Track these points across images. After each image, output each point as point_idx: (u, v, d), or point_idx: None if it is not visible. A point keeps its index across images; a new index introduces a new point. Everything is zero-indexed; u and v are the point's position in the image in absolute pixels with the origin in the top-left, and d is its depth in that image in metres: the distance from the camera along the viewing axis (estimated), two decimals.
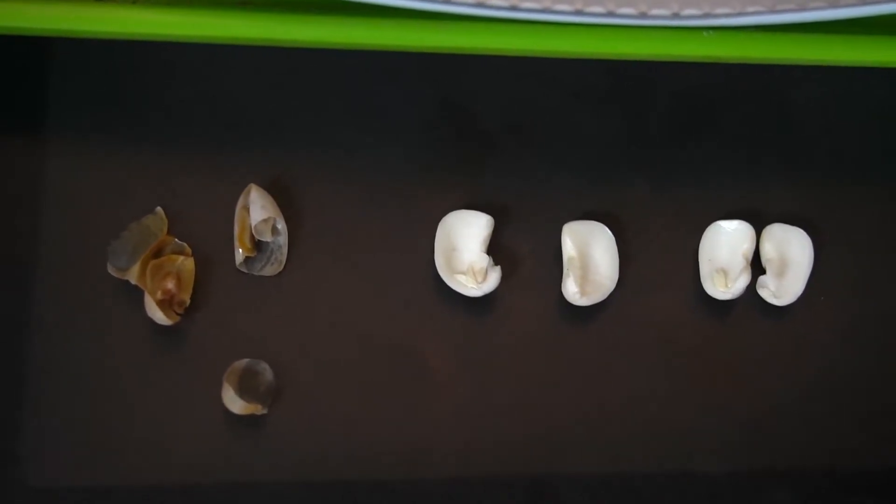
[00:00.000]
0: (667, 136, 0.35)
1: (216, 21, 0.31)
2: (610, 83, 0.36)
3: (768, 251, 0.34)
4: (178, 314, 0.33)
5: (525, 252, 0.34)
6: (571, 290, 0.33)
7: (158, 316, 0.32)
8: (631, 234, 0.35)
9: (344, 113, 0.35)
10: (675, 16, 0.30)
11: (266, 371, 0.33)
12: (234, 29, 0.31)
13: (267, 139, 0.34)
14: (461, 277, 0.33)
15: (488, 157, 0.35)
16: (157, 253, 0.33)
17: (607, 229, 0.34)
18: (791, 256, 0.34)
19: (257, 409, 0.32)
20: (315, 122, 0.34)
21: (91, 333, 0.33)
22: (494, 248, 0.34)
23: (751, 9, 0.30)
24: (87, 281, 0.33)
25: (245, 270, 0.33)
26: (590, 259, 0.34)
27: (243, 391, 0.32)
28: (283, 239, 0.33)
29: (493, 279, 0.33)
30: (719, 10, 0.30)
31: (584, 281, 0.34)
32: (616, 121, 0.35)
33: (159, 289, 0.32)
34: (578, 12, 0.30)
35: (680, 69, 0.34)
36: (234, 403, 0.32)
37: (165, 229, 0.33)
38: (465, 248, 0.34)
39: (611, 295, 0.34)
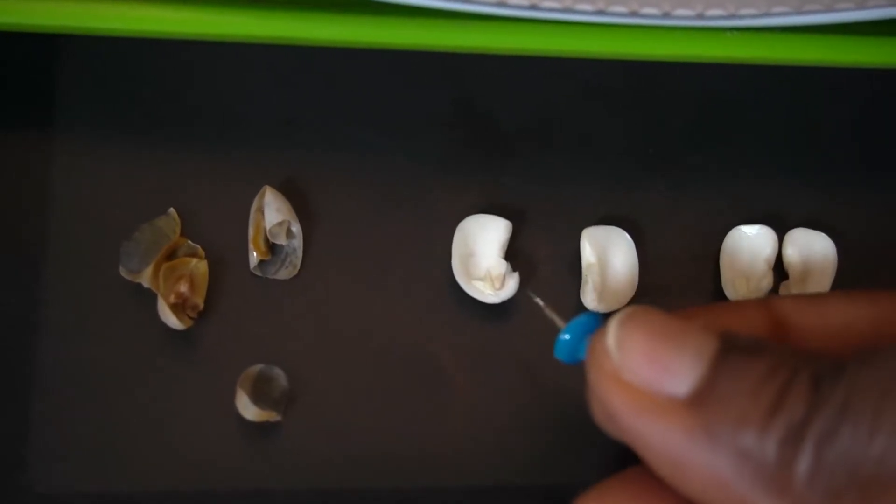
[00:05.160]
0: (687, 139, 0.35)
1: (230, 19, 0.30)
2: (630, 84, 0.35)
3: (791, 256, 0.34)
4: (191, 318, 0.32)
5: (542, 257, 0.34)
6: (590, 297, 0.33)
7: (171, 320, 0.31)
8: (650, 238, 0.34)
9: (359, 113, 0.34)
10: (700, 16, 0.30)
11: (280, 377, 0.32)
12: (250, 27, 0.30)
13: (280, 140, 0.34)
14: (478, 283, 0.33)
15: (505, 160, 0.34)
16: (170, 255, 0.32)
17: (627, 235, 0.34)
18: (814, 261, 0.34)
19: (272, 416, 0.32)
20: (330, 122, 0.34)
21: (102, 337, 0.32)
22: (511, 253, 0.34)
23: (777, 9, 0.29)
24: (98, 283, 0.33)
25: (259, 274, 0.33)
26: (609, 265, 0.34)
27: (257, 397, 0.32)
28: (297, 242, 0.33)
29: (510, 285, 0.33)
30: (744, 11, 0.29)
31: (603, 287, 0.33)
32: (636, 123, 0.35)
33: (172, 292, 0.32)
34: (600, 12, 0.29)
35: (701, 70, 0.34)
36: (249, 410, 0.31)
37: (178, 231, 0.33)
38: (482, 253, 0.33)
39: (630, 301, 0.33)
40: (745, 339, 0.24)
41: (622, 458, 0.32)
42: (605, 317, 0.27)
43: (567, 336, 0.28)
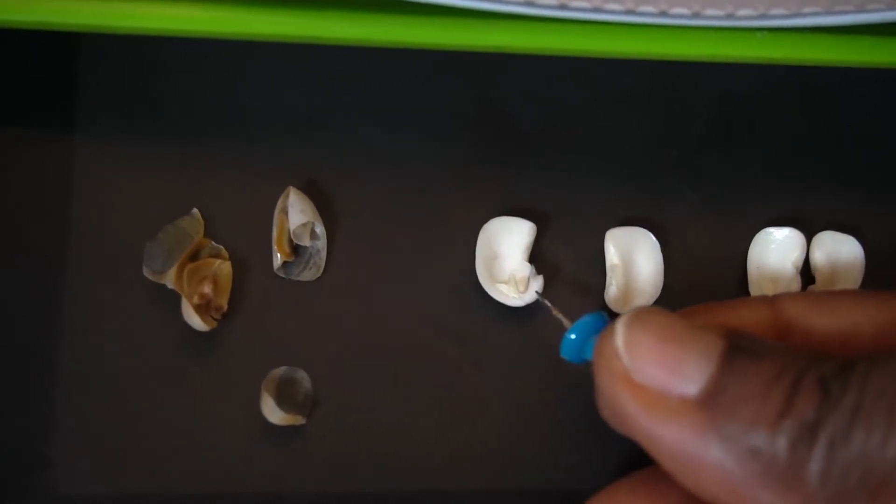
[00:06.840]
0: (713, 139, 0.35)
1: (254, 17, 0.30)
2: (654, 84, 0.35)
3: (818, 259, 0.34)
4: (215, 319, 0.32)
5: (566, 259, 0.34)
6: (614, 299, 0.33)
7: (196, 321, 0.31)
8: (675, 240, 0.34)
9: (381, 113, 0.34)
10: (730, 16, 0.29)
11: (304, 379, 0.32)
12: (274, 26, 0.30)
13: (303, 140, 0.34)
14: (502, 287, 0.33)
15: (528, 161, 0.34)
16: (194, 256, 0.32)
17: (652, 235, 0.33)
18: (842, 265, 0.34)
19: (297, 419, 0.31)
20: (352, 122, 0.34)
21: (125, 338, 0.32)
22: (534, 255, 0.33)
23: (807, 10, 0.29)
24: (121, 284, 0.32)
25: (283, 275, 0.33)
26: (634, 266, 0.33)
27: (281, 400, 0.32)
28: (321, 243, 0.33)
29: (534, 288, 0.32)
30: (775, 11, 0.29)
31: (627, 289, 0.33)
32: (660, 123, 0.35)
33: (196, 293, 0.31)
34: (630, 12, 0.29)
35: (727, 70, 0.34)
36: (274, 414, 0.31)
37: (202, 231, 0.33)
38: (506, 256, 0.33)
39: (655, 303, 0.33)
40: (751, 339, 0.24)
41: (632, 461, 0.32)
42: (611, 317, 0.27)
43: (573, 336, 0.28)
